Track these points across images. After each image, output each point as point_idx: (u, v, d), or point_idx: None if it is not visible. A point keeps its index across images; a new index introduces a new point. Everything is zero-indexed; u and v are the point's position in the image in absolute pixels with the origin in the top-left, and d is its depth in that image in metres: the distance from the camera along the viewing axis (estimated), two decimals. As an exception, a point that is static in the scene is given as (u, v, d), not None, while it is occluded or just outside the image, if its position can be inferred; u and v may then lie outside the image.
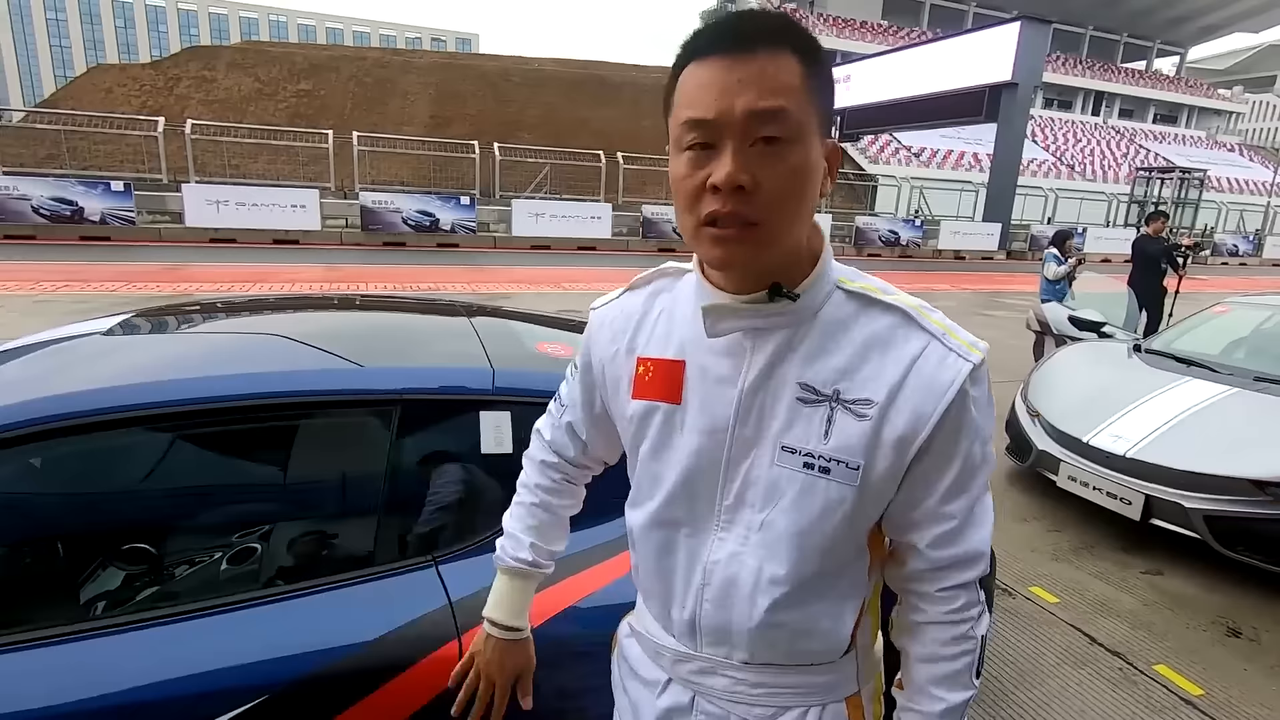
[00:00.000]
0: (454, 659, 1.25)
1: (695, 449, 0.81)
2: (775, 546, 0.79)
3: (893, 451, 0.76)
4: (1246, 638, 2.80)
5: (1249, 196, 35.34)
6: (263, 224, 14.48)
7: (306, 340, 1.54)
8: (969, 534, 0.80)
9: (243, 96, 27.35)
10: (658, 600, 0.90)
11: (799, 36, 0.71)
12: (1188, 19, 50.49)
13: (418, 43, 71.05)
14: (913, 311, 0.78)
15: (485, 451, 1.46)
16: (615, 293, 0.95)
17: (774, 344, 0.77)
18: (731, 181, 0.68)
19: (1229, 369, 3.93)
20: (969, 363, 0.75)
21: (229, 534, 1.40)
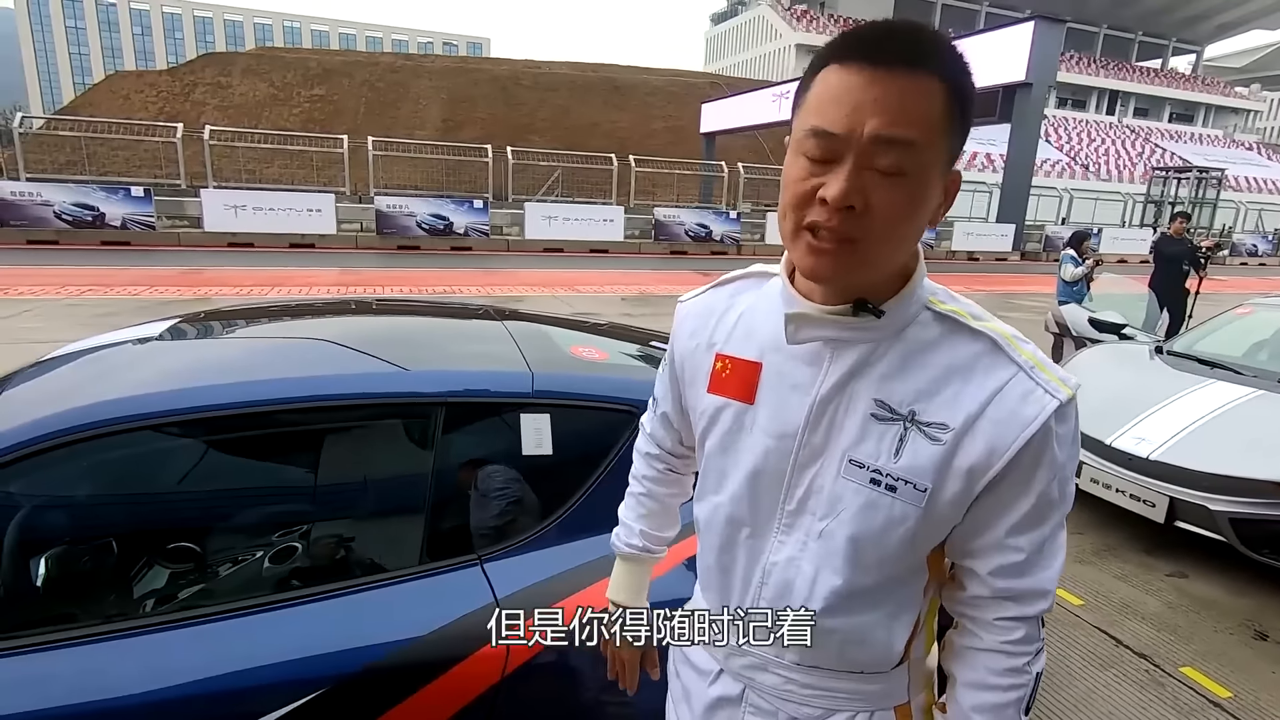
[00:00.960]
0: (501, 655, 1.28)
1: (763, 451, 0.82)
2: (832, 556, 0.80)
3: (964, 479, 0.75)
4: (1274, 640, 2.79)
5: (1268, 195, 34.93)
6: (279, 228, 14.64)
7: (351, 345, 1.58)
8: (1035, 569, 0.79)
9: (258, 102, 27.68)
10: (716, 593, 0.92)
11: (951, 62, 0.68)
12: (1204, 17, 49.98)
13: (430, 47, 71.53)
14: (1002, 341, 0.76)
15: (526, 453, 1.49)
16: (701, 289, 0.96)
17: (854, 357, 0.77)
18: (842, 201, 0.67)
19: (1253, 371, 3.91)
20: (1055, 399, 0.73)
21: (279, 534, 1.44)
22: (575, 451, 1.55)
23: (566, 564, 1.43)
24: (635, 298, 10.55)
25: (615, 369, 1.85)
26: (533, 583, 1.38)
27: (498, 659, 1.28)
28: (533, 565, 1.42)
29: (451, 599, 1.32)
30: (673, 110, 31.08)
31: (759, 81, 30.88)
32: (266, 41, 63.46)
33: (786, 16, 47.62)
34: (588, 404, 1.60)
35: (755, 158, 25.56)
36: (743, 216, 19.14)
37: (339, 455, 1.47)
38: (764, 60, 49.60)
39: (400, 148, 19.22)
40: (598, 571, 1.43)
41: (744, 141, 27.59)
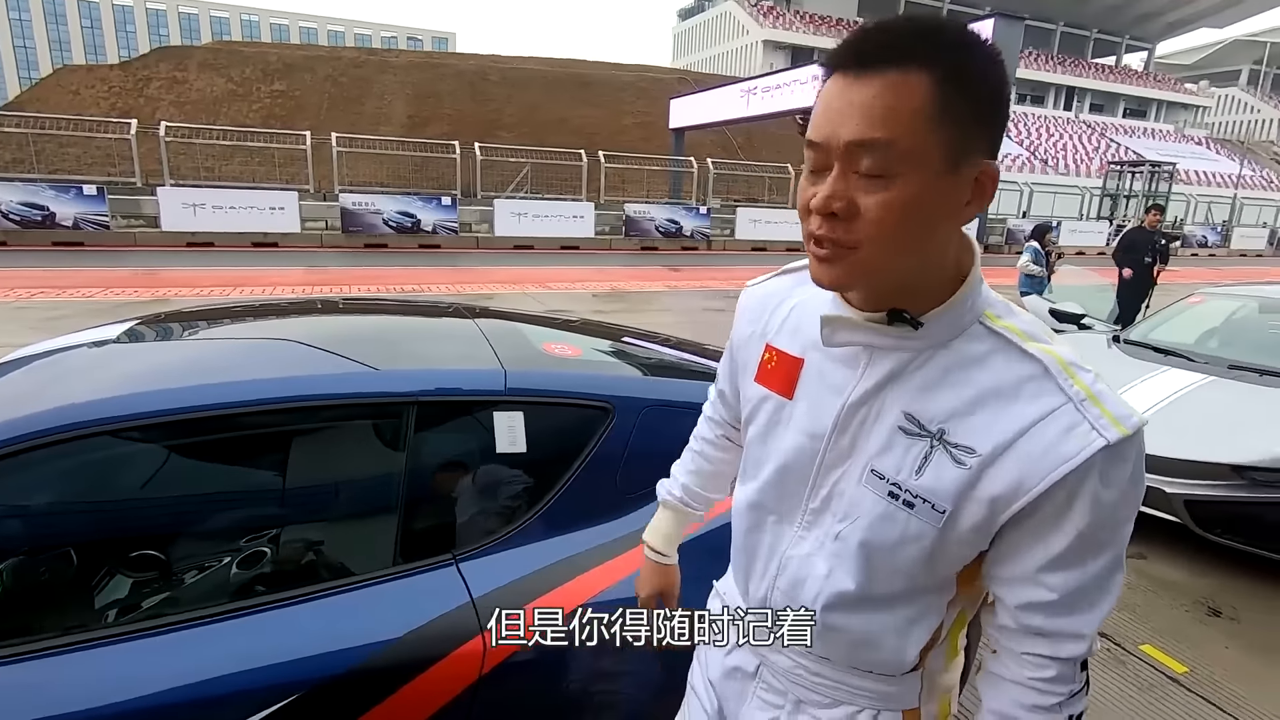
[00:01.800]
0: (478, 655, 1.28)
1: (795, 447, 0.82)
2: (846, 559, 0.79)
3: (986, 508, 0.72)
4: (1227, 617, 2.91)
5: (1216, 189, 36.18)
6: (241, 227, 14.27)
7: (319, 345, 1.56)
8: (1069, 612, 0.73)
9: (215, 97, 26.92)
10: (740, 571, 0.95)
11: (933, 50, 0.65)
12: (1155, 15, 51.54)
13: (393, 42, 70.29)
14: (1054, 366, 0.71)
15: (500, 451, 1.48)
16: (768, 275, 0.97)
17: (890, 365, 0.75)
18: (822, 208, 0.68)
19: (1204, 358, 4.05)
20: (1103, 439, 0.67)
21: (250, 539, 1.41)
22: (550, 449, 1.55)
23: (543, 561, 1.43)
24: (607, 294, 10.52)
25: (589, 365, 1.84)
26: (509, 581, 1.37)
27: (475, 658, 1.27)
28: (509, 563, 1.41)
29: (427, 600, 1.31)
30: (642, 106, 31.02)
31: (727, 77, 30.97)
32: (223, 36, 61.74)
33: (753, 13, 47.86)
34: (561, 401, 1.60)
35: (724, 153, 25.66)
36: (713, 212, 19.22)
37: (308, 457, 1.44)
38: (732, 56, 49.80)
39: (365, 144, 18.87)
40: (575, 568, 1.43)
41: (713, 137, 27.67)
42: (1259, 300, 4.60)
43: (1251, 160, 44.33)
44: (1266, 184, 42.60)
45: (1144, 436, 0.70)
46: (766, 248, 19.05)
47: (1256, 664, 2.60)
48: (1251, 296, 4.69)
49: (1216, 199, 30.21)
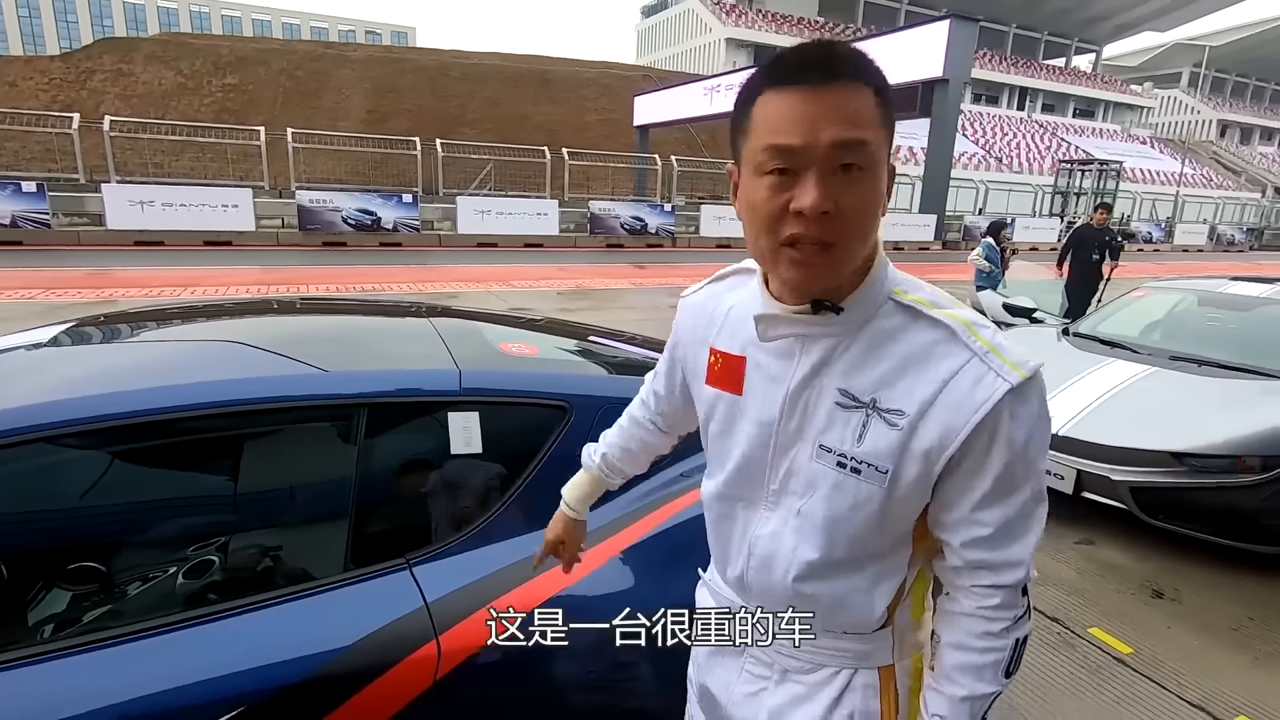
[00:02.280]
0: (432, 660, 1.26)
1: (751, 436, 0.89)
2: (809, 531, 0.87)
3: (922, 461, 0.80)
4: (1169, 599, 3.02)
5: (1160, 186, 37.64)
6: (192, 225, 13.81)
7: (268, 346, 1.51)
8: (1004, 543, 0.83)
9: (164, 91, 26.01)
10: (719, 557, 1.02)
11: (872, 71, 0.75)
12: (1102, 18, 53.30)
13: (351, 36, 68.80)
14: (959, 328, 0.80)
15: (455, 452, 1.46)
16: (701, 284, 1.03)
17: (821, 350, 0.83)
18: (817, 208, 0.72)
19: (1148, 350, 4.21)
20: (1007, 383, 0.76)
21: (196, 547, 1.36)
22: (506, 449, 1.53)
23: (500, 562, 1.41)
24: (572, 292, 10.47)
25: (546, 364, 1.83)
26: (464, 584, 1.36)
27: (428, 663, 1.25)
28: (465, 566, 1.39)
29: (379, 605, 1.28)
30: (605, 103, 30.93)
31: (691, 75, 31.08)
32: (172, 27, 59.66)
33: (716, 11, 48.08)
34: (518, 400, 1.58)
35: (689, 150, 25.75)
36: (678, 209, 19.27)
37: (255, 462, 1.40)
38: (695, 54, 49.96)
39: (322, 140, 18.45)
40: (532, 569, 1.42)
41: (677, 134, 27.74)
42: (1198, 294, 4.79)
43: (1192, 159, 46.20)
44: (1206, 182, 44.45)
45: (1042, 379, 0.80)
46: (731, 244, 19.17)
47: (1196, 642, 2.72)
48: (1191, 290, 4.88)
49: (1160, 196, 31.41)
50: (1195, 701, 2.38)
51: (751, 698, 0.98)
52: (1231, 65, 60.73)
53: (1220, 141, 56.84)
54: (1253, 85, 63.26)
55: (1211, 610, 2.94)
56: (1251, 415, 3.32)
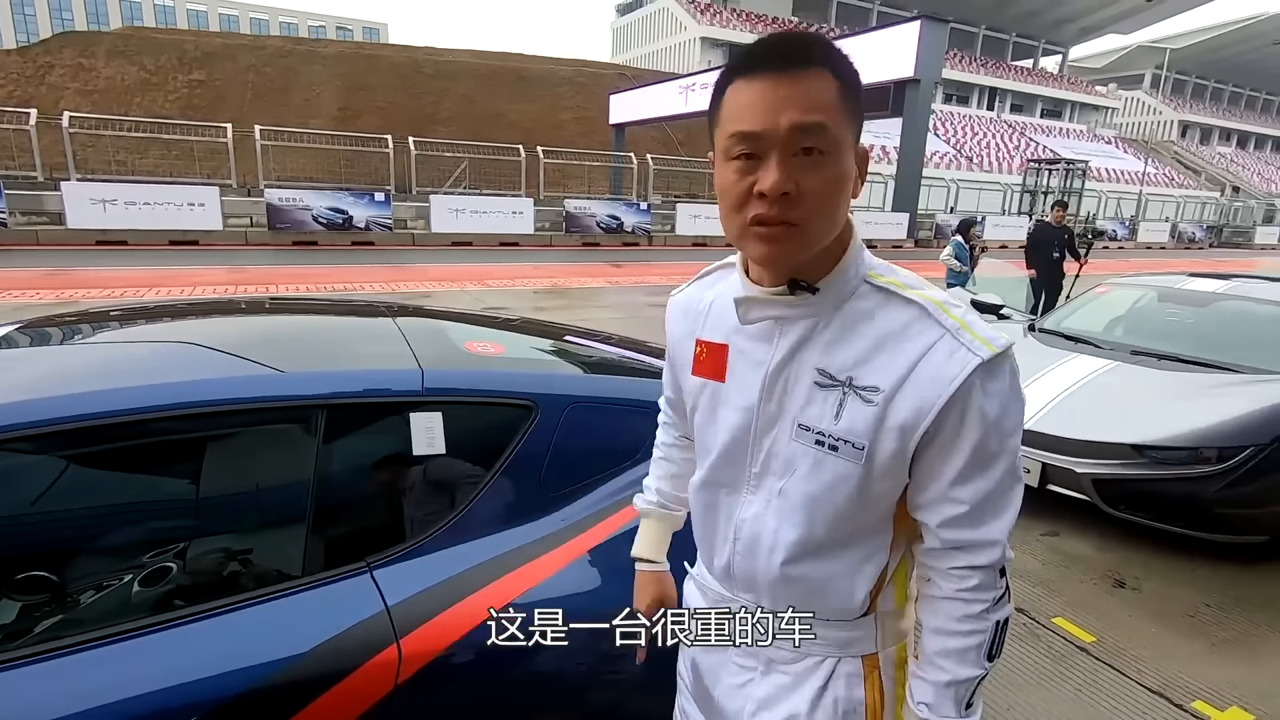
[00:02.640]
0: (393, 664, 1.24)
1: (732, 422, 0.92)
2: (790, 511, 0.89)
3: (897, 436, 0.81)
4: (1130, 588, 3.10)
5: (1124, 185, 38.54)
6: (157, 224, 13.48)
7: (223, 348, 1.48)
8: (981, 521, 0.84)
9: (127, 87, 25.36)
10: (705, 548, 1.03)
11: (836, 58, 0.78)
12: (1068, 20, 54.43)
13: (321, 32, 67.63)
14: (931, 307, 0.82)
15: (417, 453, 1.44)
16: (688, 282, 1.06)
17: (798, 332, 0.86)
18: (778, 189, 0.75)
19: (1110, 345, 4.30)
20: (977, 357, 0.78)
21: (149, 554, 1.32)
22: (470, 449, 1.51)
23: (464, 564, 1.39)
24: (548, 290, 10.43)
25: (512, 363, 1.81)
26: (427, 587, 1.34)
27: (389, 668, 1.23)
28: (427, 569, 1.37)
29: (338, 610, 1.26)
30: (581, 101, 30.82)
31: (666, 73, 31.12)
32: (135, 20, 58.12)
33: (691, 10, 48.18)
34: (482, 400, 1.56)
35: (664, 149, 25.76)
36: (653, 208, 19.29)
37: (209, 466, 1.36)
38: (670, 52, 50.01)
39: (292, 137, 18.13)
40: (497, 570, 1.41)
41: (653, 133, 27.75)
42: (1158, 290, 4.91)
43: (1155, 159, 47.38)
44: (1168, 181, 45.62)
45: (1014, 356, 0.82)
46: (707, 243, 19.23)
47: (1155, 629, 2.79)
48: (1151, 286, 5.00)
49: (1125, 195, 32.18)
50: (1154, 688, 2.44)
51: (739, 689, 0.99)
52: (1192, 67, 62.38)
53: (1181, 141, 58.37)
54: (1211, 87, 65.05)
55: (1170, 598, 3.02)
56: (1208, 408, 3.41)
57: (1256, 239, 31.95)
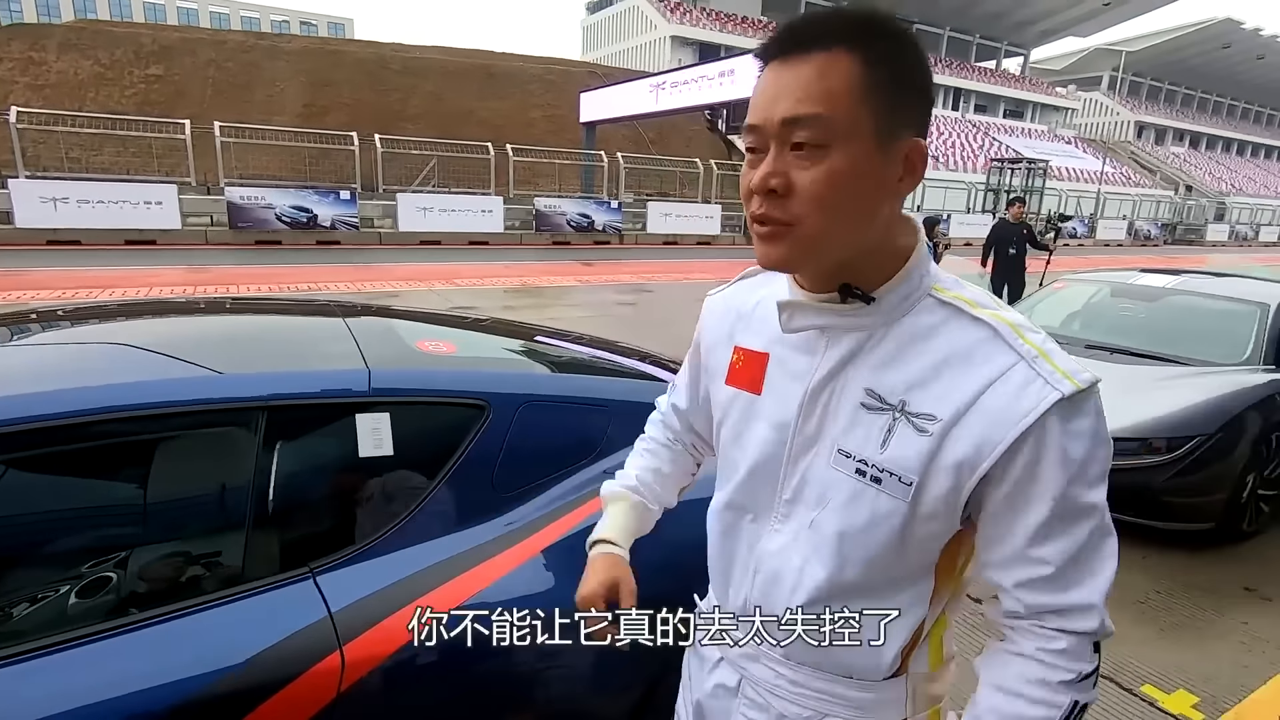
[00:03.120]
0: (336, 671, 1.21)
1: (764, 440, 0.82)
2: (820, 547, 0.79)
3: (952, 474, 0.71)
4: (1084, 575, 3.17)
5: (1084, 184, 39.55)
6: (112, 223, 13.10)
7: (158, 349, 1.43)
8: (1070, 584, 0.72)
9: (80, 81, 24.56)
10: (719, 579, 0.93)
11: (856, 33, 0.68)
12: (1029, 23, 55.69)
13: (285, 27, 66.22)
14: (1004, 329, 0.72)
15: (364, 455, 1.41)
16: (729, 282, 0.97)
17: (848, 345, 0.76)
18: (760, 186, 0.70)
19: (1065, 339, 4.40)
20: (1057, 391, 0.68)
21: (81, 565, 1.27)
22: (419, 450, 1.49)
23: (412, 568, 1.37)
24: (518, 289, 10.35)
25: (464, 362, 1.79)
26: (373, 591, 1.31)
27: (332, 675, 1.20)
28: (374, 573, 1.34)
29: (279, 617, 1.23)
30: (551, 99, 30.64)
31: (636, 72, 31.09)
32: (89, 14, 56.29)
33: (660, 8, 48.21)
34: (433, 400, 1.54)
35: (636, 148, 25.73)
36: (624, 206, 19.28)
37: (143, 472, 1.31)
38: (640, 51, 49.99)
39: (254, 134, 17.72)
40: (446, 573, 1.38)
41: (625, 131, 27.70)
42: (1111, 285, 5.04)
43: (1112, 158, 48.70)
44: (1125, 180, 46.93)
45: (1099, 394, 0.71)
46: (678, 241, 19.30)
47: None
48: (1105, 282, 5.13)
49: (1084, 193, 33.04)
50: (1105, 673, 2.50)
51: None
52: (1146, 70, 64.24)
53: (1137, 142, 60.12)
54: (1165, 89, 67.08)
55: (1122, 586, 3.07)
56: (1157, 399, 3.51)
57: (1208, 236, 33.09)
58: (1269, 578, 3.21)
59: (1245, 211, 40.19)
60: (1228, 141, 67.46)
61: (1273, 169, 67.22)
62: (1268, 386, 3.54)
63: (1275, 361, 3.85)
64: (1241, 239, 34.41)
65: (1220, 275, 4.99)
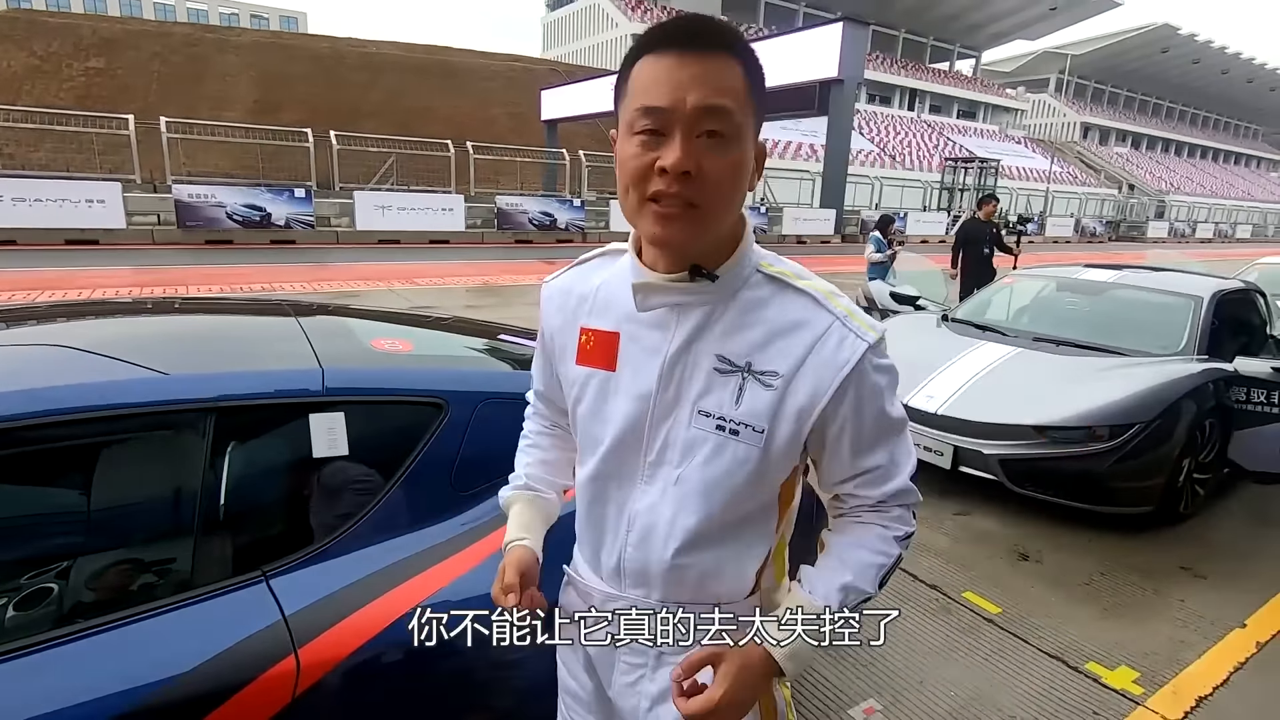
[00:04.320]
0: (290, 675, 1.19)
1: (625, 412, 0.90)
2: (688, 498, 0.89)
3: (794, 419, 0.85)
4: (1033, 560, 3.29)
5: (1033, 183, 40.82)
6: (51, 222, 12.53)
7: (98, 350, 1.38)
8: (893, 475, 0.91)
9: (14, 74, 23.47)
10: (590, 546, 0.99)
11: (744, 50, 0.79)
12: (980, 25, 57.16)
13: (234, 20, 64.16)
14: (821, 296, 0.87)
15: (318, 456, 1.39)
16: (563, 270, 1.03)
17: (696, 319, 0.86)
18: (679, 167, 0.76)
19: (1014, 332, 4.56)
20: (865, 341, 0.84)
21: (20, 574, 1.22)
22: (376, 450, 1.47)
23: (369, 568, 1.35)
24: (480, 289, 10.24)
25: (421, 360, 1.77)
26: (329, 593, 1.29)
27: (286, 679, 1.18)
28: (330, 574, 1.33)
29: (230, 622, 1.20)
30: (512, 96, 30.36)
31: (598, 69, 31.02)
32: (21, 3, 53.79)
33: (621, 6, 48.16)
34: (388, 399, 1.52)
35: (598, 145, 25.67)
36: (587, 204, 19.21)
37: (83, 478, 1.27)
38: (602, 49, 49.87)
39: (203, 130, 17.18)
40: (404, 573, 1.37)
41: (586, 129, 27.62)
42: (1057, 280, 5.23)
43: (1060, 158, 50.41)
44: (1072, 179, 48.60)
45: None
46: (641, 240, 19.29)
47: (1055, 599, 2.97)
48: (1052, 278, 5.32)
49: (1034, 192, 34.10)
50: (1053, 652, 2.60)
51: (631, 687, 0.97)
52: (1091, 72, 66.54)
53: (1083, 142, 62.32)
54: (1108, 91, 69.58)
55: (1068, 569, 3.22)
56: (1100, 389, 3.66)
57: (1149, 233, 34.46)
58: (1204, 557, 3.37)
59: (1183, 209, 42.02)
60: (1166, 142, 70.37)
61: (1208, 169, 70.40)
62: (1201, 375, 3.72)
63: (1207, 351, 4.04)
64: (1180, 235, 35.91)
65: (1158, 270, 5.22)
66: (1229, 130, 79.47)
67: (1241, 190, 65.36)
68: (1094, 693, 2.40)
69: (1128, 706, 2.34)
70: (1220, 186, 64.14)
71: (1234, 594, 3.05)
